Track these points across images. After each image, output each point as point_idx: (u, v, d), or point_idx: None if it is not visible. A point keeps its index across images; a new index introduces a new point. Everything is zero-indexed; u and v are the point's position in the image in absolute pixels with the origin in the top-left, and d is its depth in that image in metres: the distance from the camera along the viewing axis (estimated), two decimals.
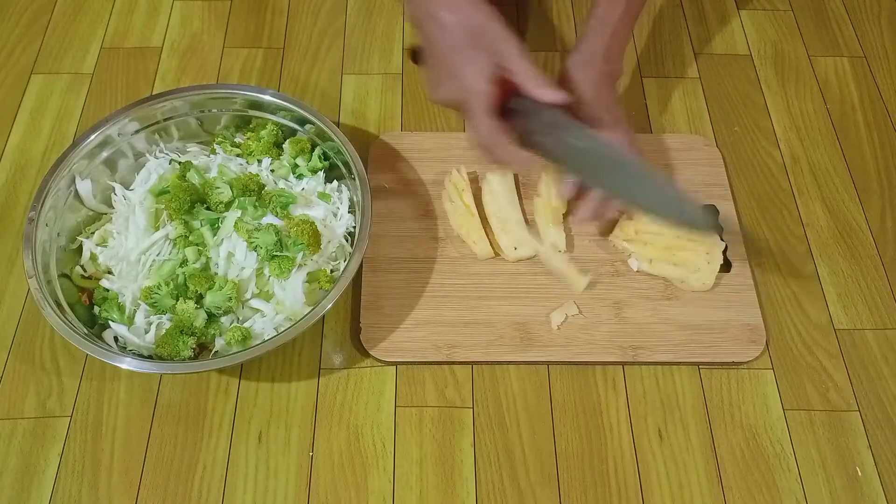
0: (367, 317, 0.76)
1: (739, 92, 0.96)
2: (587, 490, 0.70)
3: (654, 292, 0.78)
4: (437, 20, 0.66)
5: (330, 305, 0.68)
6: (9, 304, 0.78)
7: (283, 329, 0.69)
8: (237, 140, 0.83)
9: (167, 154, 0.82)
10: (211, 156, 0.82)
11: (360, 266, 0.76)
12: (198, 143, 0.83)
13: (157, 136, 0.81)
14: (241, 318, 0.73)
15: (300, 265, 0.72)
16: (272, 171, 0.80)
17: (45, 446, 0.71)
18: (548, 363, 0.76)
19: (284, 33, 1.00)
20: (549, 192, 0.81)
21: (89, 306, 0.74)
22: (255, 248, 0.72)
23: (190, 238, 0.74)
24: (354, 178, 0.75)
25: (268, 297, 0.73)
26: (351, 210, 0.78)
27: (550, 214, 0.80)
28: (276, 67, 0.97)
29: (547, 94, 0.66)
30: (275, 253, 0.72)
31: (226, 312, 0.72)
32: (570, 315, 0.76)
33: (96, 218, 0.79)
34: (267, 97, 0.80)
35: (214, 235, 0.73)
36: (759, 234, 0.84)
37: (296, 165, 0.81)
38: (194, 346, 0.69)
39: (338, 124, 0.84)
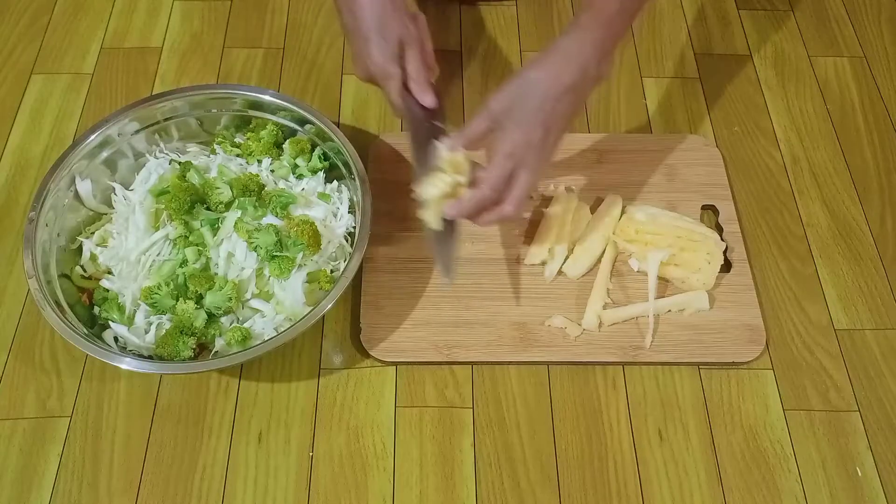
0: (367, 317, 0.76)
1: (739, 92, 0.96)
2: (587, 490, 0.70)
3: None
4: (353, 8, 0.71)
5: (330, 305, 0.68)
6: (9, 304, 0.78)
7: (283, 329, 0.69)
8: (237, 140, 0.83)
9: (167, 154, 0.81)
10: (211, 156, 0.82)
11: (360, 266, 0.76)
12: (198, 143, 0.83)
13: (157, 136, 0.81)
14: (241, 319, 0.73)
15: (300, 265, 0.72)
16: (272, 171, 0.80)
17: (45, 446, 0.71)
18: (548, 363, 0.76)
19: (284, 33, 1.00)
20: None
21: (89, 306, 0.74)
22: (255, 249, 0.72)
23: (190, 238, 0.74)
24: (354, 178, 0.75)
25: (268, 297, 0.73)
26: (351, 210, 0.78)
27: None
28: (276, 67, 0.97)
29: (423, 97, 0.73)
30: (275, 253, 0.72)
31: (226, 312, 0.72)
32: (569, 321, 0.76)
33: (96, 218, 0.79)
34: (267, 97, 0.80)
35: (214, 236, 0.73)
36: (759, 234, 0.84)
37: (296, 166, 0.81)
38: (194, 346, 0.69)
39: (338, 124, 0.84)
